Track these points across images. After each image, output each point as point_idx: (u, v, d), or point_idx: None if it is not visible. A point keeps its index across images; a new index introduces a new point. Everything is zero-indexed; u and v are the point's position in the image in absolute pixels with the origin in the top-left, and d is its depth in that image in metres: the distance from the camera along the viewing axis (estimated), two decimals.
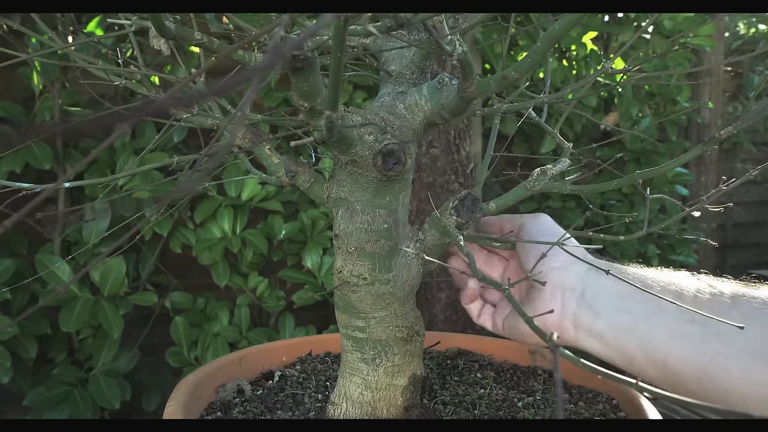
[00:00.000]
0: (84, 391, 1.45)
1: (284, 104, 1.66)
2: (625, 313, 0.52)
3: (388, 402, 0.63)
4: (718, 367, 0.46)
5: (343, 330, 0.64)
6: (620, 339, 0.52)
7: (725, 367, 0.46)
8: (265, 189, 1.63)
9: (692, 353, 0.48)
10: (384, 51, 0.62)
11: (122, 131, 0.21)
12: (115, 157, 1.54)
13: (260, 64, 0.32)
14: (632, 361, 0.52)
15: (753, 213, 2.97)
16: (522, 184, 0.60)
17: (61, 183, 0.83)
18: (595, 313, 0.54)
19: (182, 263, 1.69)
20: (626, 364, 0.52)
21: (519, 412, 0.68)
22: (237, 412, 0.67)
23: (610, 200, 2.06)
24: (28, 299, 1.49)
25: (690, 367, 0.48)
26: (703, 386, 0.47)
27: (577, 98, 0.69)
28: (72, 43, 0.92)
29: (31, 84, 1.52)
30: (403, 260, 0.61)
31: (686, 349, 0.48)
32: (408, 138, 0.58)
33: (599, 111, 2.04)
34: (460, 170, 1.57)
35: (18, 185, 0.61)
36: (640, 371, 0.51)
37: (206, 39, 0.46)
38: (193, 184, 0.64)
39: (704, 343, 0.47)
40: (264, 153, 0.64)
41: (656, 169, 0.57)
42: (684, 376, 0.48)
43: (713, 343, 0.46)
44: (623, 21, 2.07)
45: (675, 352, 0.48)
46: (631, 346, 0.51)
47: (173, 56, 0.66)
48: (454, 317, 1.62)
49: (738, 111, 2.82)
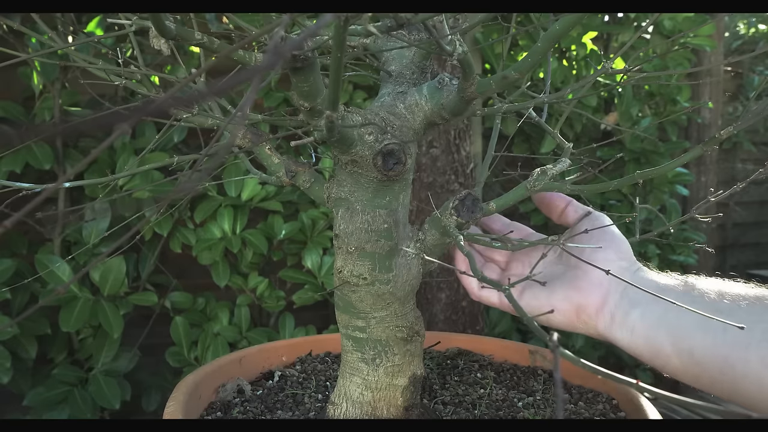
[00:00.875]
0: (84, 391, 1.45)
1: (284, 104, 1.66)
2: (660, 303, 0.52)
3: (388, 402, 0.63)
4: (738, 357, 0.47)
5: (343, 330, 0.64)
6: (650, 328, 0.53)
7: (744, 356, 0.47)
8: (265, 189, 1.63)
9: (714, 342, 0.49)
10: (384, 51, 0.62)
11: (122, 131, 0.21)
12: (115, 157, 1.54)
13: (260, 64, 0.32)
14: (659, 351, 0.52)
15: (753, 213, 2.97)
16: (522, 184, 0.60)
17: (61, 183, 0.83)
18: (632, 303, 0.55)
19: (182, 263, 1.69)
20: (652, 355, 0.53)
21: (519, 412, 0.68)
22: (237, 412, 0.67)
23: (610, 200, 2.06)
24: (28, 299, 1.49)
25: (712, 356, 0.49)
26: (724, 374, 0.48)
27: (577, 98, 0.69)
28: (72, 43, 0.92)
29: (31, 84, 1.52)
30: (403, 260, 0.61)
31: (709, 337, 0.49)
32: (408, 138, 0.58)
33: (599, 111, 2.04)
34: (460, 170, 1.57)
35: (18, 185, 0.61)
36: (664, 363, 0.52)
37: (206, 39, 0.46)
38: (193, 184, 0.64)
39: (726, 332, 0.48)
40: (264, 153, 0.64)
41: (656, 169, 0.57)
42: (707, 365, 0.49)
43: (734, 332, 0.47)
44: (623, 21, 2.07)
45: (699, 341, 0.50)
46: (660, 335, 0.52)
47: (173, 56, 0.66)
48: (454, 317, 1.62)
49: (738, 111, 2.82)
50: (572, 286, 0.58)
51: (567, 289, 0.58)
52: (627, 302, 0.55)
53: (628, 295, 0.55)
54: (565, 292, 0.58)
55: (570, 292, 0.58)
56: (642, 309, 0.54)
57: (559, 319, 0.58)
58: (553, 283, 0.59)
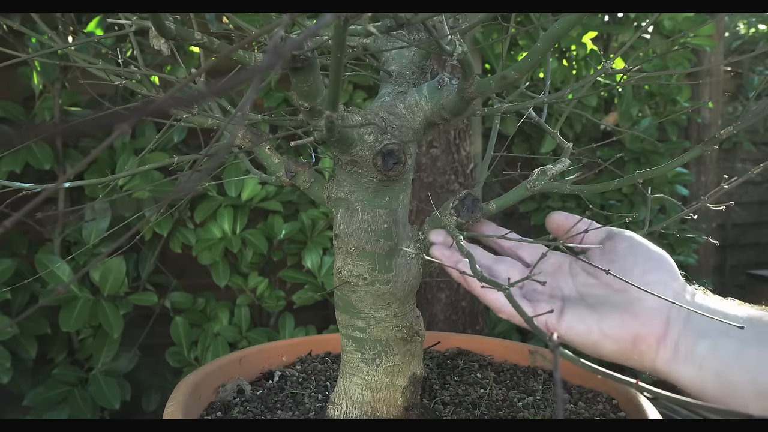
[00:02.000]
0: (84, 391, 1.45)
1: (284, 104, 1.66)
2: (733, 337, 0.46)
3: (388, 402, 0.63)
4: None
5: (343, 330, 0.64)
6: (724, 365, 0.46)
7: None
8: (265, 189, 1.63)
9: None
10: (384, 51, 0.62)
11: (122, 131, 0.21)
12: (115, 157, 1.54)
13: (260, 64, 0.32)
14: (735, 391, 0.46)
15: (753, 213, 2.97)
16: (522, 184, 0.60)
17: (61, 183, 0.83)
18: (700, 333, 0.48)
19: (182, 263, 1.69)
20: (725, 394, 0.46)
21: (519, 412, 0.68)
22: (237, 412, 0.67)
23: (610, 200, 2.06)
24: (28, 299, 1.49)
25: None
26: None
27: (577, 98, 0.69)
28: (72, 43, 0.92)
29: (31, 84, 1.52)
30: (403, 260, 0.61)
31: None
32: (408, 138, 0.58)
33: (599, 111, 2.04)
34: (460, 170, 1.57)
35: (18, 185, 0.61)
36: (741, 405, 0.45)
37: (206, 39, 0.46)
38: (193, 184, 0.64)
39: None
40: (264, 153, 0.64)
41: (656, 169, 0.57)
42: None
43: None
44: (623, 21, 2.07)
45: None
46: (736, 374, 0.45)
47: (173, 56, 0.66)
48: (454, 317, 1.62)
49: (738, 111, 2.82)
50: (628, 312, 0.50)
51: (622, 314, 0.50)
52: (693, 332, 0.48)
53: (692, 324, 0.48)
54: (620, 318, 0.50)
55: (626, 318, 0.50)
56: (712, 341, 0.47)
57: (612, 348, 0.50)
58: (602, 308, 0.52)
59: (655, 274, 0.51)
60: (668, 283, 0.50)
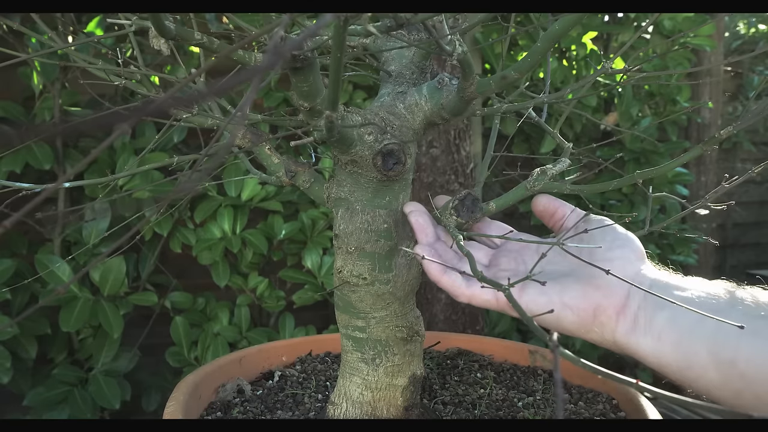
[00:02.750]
0: (84, 391, 1.45)
1: (284, 104, 1.66)
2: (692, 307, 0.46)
3: (388, 402, 0.63)
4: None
5: (343, 330, 0.64)
6: (683, 335, 0.47)
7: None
8: (265, 189, 1.63)
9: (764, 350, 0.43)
10: (384, 51, 0.62)
11: (122, 131, 0.21)
12: (115, 157, 1.54)
13: (260, 64, 0.32)
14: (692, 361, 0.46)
15: (753, 213, 2.97)
16: (522, 184, 0.60)
17: (61, 183, 0.83)
18: (659, 305, 0.48)
19: (182, 263, 1.69)
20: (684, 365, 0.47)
21: (519, 412, 0.68)
22: (237, 412, 0.67)
23: (610, 200, 2.06)
24: (28, 299, 1.49)
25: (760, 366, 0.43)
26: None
27: (577, 98, 0.69)
28: (72, 43, 0.92)
29: (31, 84, 1.52)
30: (403, 260, 0.61)
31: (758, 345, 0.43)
32: (408, 138, 0.58)
33: (599, 111, 2.04)
34: (460, 170, 1.57)
35: (18, 185, 0.61)
36: (698, 375, 0.46)
37: (206, 39, 0.46)
38: (193, 184, 0.64)
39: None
40: (264, 153, 0.64)
41: (656, 169, 0.57)
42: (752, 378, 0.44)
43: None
44: (623, 21, 2.07)
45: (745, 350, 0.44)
46: (695, 343, 0.46)
47: (173, 56, 0.66)
48: (454, 317, 1.62)
49: (738, 111, 2.82)
50: (590, 284, 0.51)
51: (584, 285, 0.51)
52: (652, 304, 0.49)
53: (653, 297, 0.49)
54: (582, 289, 0.51)
55: (588, 289, 0.51)
56: (670, 312, 0.48)
57: (572, 319, 0.51)
58: (565, 280, 0.53)
59: (619, 251, 0.53)
60: (631, 260, 0.52)
